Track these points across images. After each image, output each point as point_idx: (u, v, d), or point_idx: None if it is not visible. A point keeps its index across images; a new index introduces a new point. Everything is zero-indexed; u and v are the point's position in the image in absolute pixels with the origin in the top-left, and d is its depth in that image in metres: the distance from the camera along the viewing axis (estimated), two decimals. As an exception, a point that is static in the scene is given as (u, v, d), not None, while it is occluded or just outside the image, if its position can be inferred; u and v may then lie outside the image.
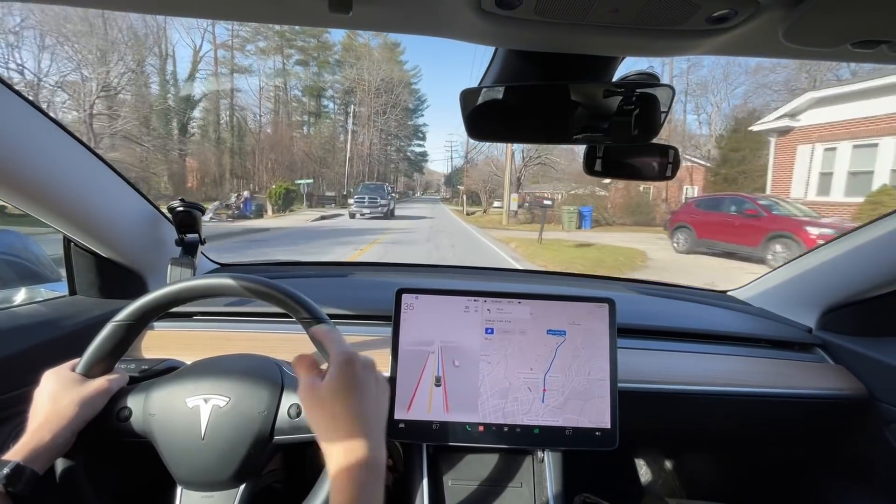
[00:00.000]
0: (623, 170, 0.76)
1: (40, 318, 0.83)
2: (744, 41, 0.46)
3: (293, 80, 36.73)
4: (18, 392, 0.71)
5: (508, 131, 0.68)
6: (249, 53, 32.62)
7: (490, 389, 0.79)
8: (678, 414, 0.96)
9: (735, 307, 1.21)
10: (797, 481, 1.11)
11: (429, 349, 0.80)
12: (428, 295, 0.82)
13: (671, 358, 0.97)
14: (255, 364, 0.66)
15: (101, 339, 0.60)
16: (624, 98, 0.59)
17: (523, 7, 0.40)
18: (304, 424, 0.61)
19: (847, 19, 0.38)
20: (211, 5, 0.46)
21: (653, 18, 0.41)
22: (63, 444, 0.55)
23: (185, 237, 1.01)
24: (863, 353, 0.95)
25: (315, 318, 0.62)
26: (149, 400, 0.61)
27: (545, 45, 0.50)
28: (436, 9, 0.43)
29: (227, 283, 0.60)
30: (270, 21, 0.48)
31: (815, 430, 1.03)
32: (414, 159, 59.01)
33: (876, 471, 0.95)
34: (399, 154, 52.86)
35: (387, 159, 48.18)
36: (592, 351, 0.81)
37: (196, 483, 0.60)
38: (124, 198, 0.91)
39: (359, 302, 1.03)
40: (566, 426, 0.78)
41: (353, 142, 36.27)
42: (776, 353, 1.02)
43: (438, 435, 0.78)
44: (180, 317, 0.98)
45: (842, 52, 0.43)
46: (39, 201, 0.74)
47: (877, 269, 0.90)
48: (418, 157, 59.46)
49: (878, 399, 0.92)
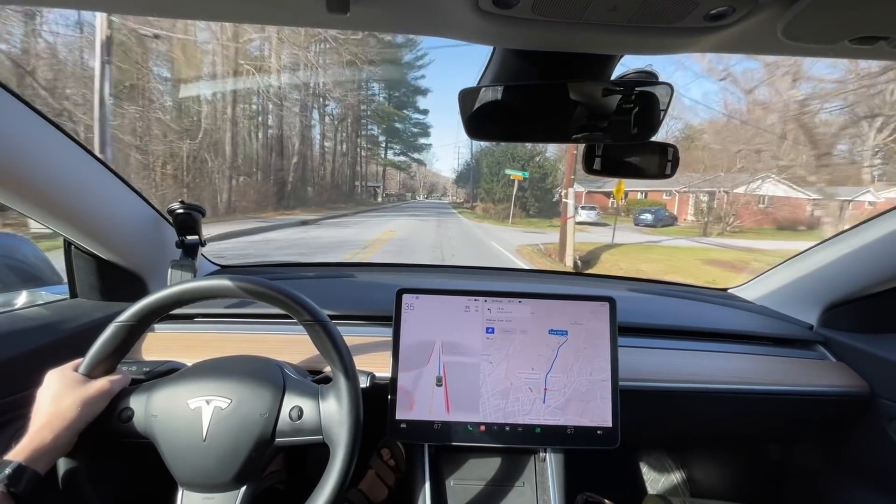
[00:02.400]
0: (623, 168, 0.76)
1: (41, 320, 0.83)
2: (742, 38, 0.45)
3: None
4: (20, 395, 0.71)
5: (507, 131, 0.68)
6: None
7: (491, 390, 0.79)
8: (679, 412, 0.96)
9: (736, 305, 1.21)
10: (799, 478, 1.11)
11: (430, 349, 0.80)
12: (428, 295, 0.82)
13: (672, 356, 0.97)
14: (257, 366, 0.66)
15: (104, 339, 0.60)
16: (623, 96, 0.59)
17: (521, 6, 0.39)
18: (305, 427, 0.61)
19: (846, 15, 0.38)
20: (209, 6, 0.46)
21: (651, 16, 0.41)
22: (65, 444, 0.55)
23: (186, 239, 1.01)
24: (864, 349, 0.95)
25: (316, 320, 0.62)
26: (151, 401, 0.61)
27: (543, 44, 0.50)
28: (433, 8, 0.43)
29: (229, 285, 0.60)
30: (268, 22, 0.48)
31: (816, 427, 1.03)
32: (410, 139, 40.94)
33: (878, 467, 0.94)
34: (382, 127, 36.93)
35: (356, 144, 32.99)
36: (594, 350, 0.81)
37: (197, 484, 0.60)
38: (124, 200, 0.91)
39: (359, 302, 1.03)
40: (567, 425, 0.78)
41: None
42: (778, 350, 1.02)
43: (440, 435, 0.78)
44: (181, 319, 0.98)
45: (841, 48, 0.43)
46: (39, 204, 0.74)
47: (878, 266, 0.90)
48: (417, 137, 40.81)
49: (879, 395, 0.92)
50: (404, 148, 43.36)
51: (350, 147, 32.53)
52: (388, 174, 48.65)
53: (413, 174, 54.77)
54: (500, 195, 23.80)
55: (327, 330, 0.62)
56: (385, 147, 42.24)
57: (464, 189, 44.05)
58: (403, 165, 47.01)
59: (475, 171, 33.45)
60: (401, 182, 54.01)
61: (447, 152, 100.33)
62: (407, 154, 44.48)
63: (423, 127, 41.70)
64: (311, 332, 0.62)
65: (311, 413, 0.61)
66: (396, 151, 43.22)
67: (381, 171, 44.42)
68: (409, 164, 46.78)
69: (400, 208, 30.10)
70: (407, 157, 45.19)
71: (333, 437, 0.59)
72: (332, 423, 0.60)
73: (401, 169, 48.08)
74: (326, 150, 28.20)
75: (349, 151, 32.35)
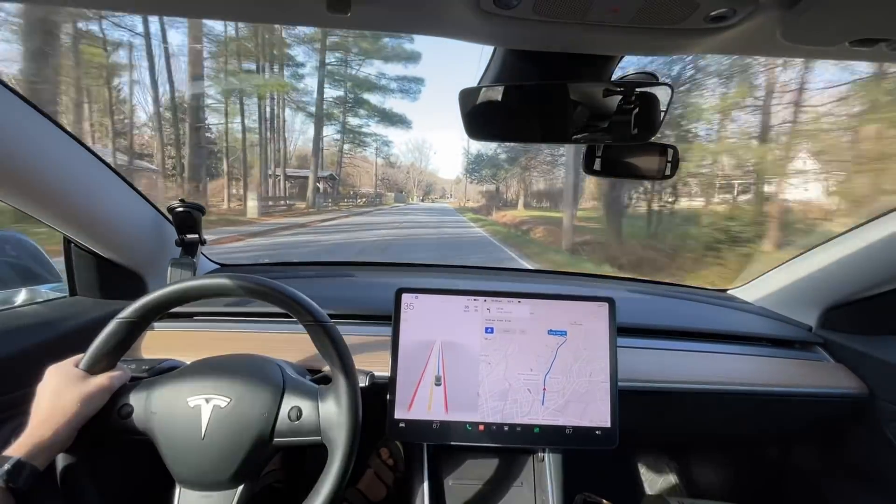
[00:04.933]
0: (622, 169, 0.76)
1: (41, 318, 0.83)
2: (743, 40, 0.46)
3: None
4: (19, 392, 0.72)
5: (508, 131, 0.68)
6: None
7: (489, 391, 0.79)
8: (678, 413, 0.96)
9: (735, 306, 1.21)
10: (797, 479, 1.11)
11: (429, 349, 0.80)
12: (428, 294, 0.82)
13: (671, 357, 0.97)
14: (257, 365, 0.66)
15: (105, 335, 0.60)
16: (624, 97, 0.59)
17: (522, 6, 0.40)
18: (304, 427, 0.61)
19: (846, 18, 0.38)
20: (210, 5, 0.46)
21: (652, 17, 0.41)
22: (64, 440, 0.55)
23: (186, 238, 1.01)
24: (863, 351, 0.95)
25: (316, 321, 0.62)
26: (150, 398, 0.61)
27: (544, 45, 0.50)
28: (434, 8, 0.43)
29: (230, 284, 0.60)
30: (269, 21, 0.48)
31: (815, 428, 1.03)
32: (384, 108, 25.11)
33: (876, 469, 0.95)
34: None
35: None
36: (593, 351, 0.81)
37: (195, 482, 0.60)
38: (124, 198, 0.91)
39: (359, 302, 1.03)
40: (566, 425, 0.78)
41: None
42: (776, 351, 1.02)
43: (439, 434, 0.78)
44: (181, 317, 0.98)
45: (841, 50, 0.43)
46: (39, 202, 0.74)
47: (877, 268, 0.90)
48: (407, 94, 24.85)
49: (878, 397, 0.92)
50: (373, 114, 25.76)
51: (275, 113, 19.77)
52: (356, 164, 31.81)
53: (397, 163, 37.30)
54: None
55: (328, 331, 0.62)
56: (346, 109, 25.31)
57: (483, 178, 26.35)
58: (383, 149, 29.66)
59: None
60: (381, 177, 35.10)
61: (445, 149, 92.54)
62: (389, 119, 26.07)
63: (409, 84, 24.52)
64: (312, 332, 0.62)
65: (309, 414, 0.61)
66: (363, 116, 26.01)
67: (342, 155, 27.67)
68: (382, 141, 29.18)
69: (366, 226, 14.73)
70: (385, 124, 26.52)
71: (332, 438, 0.60)
72: (331, 425, 0.60)
73: (384, 159, 30.77)
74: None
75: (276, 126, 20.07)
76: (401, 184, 42.11)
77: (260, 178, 20.16)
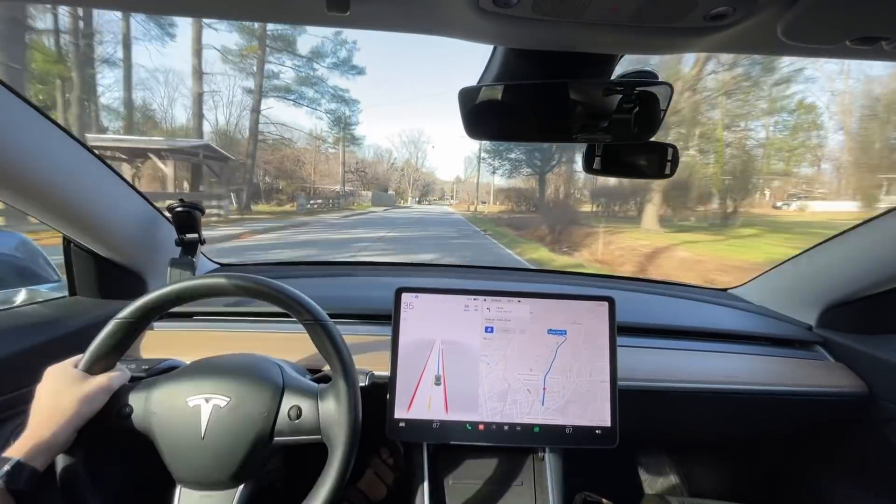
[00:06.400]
0: (622, 168, 0.76)
1: (40, 318, 0.83)
2: (742, 38, 0.45)
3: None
4: (19, 392, 0.71)
5: (508, 130, 0.68)
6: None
7: (489, 390, 0.79)
8: (678, 412, 0.96)
9: (735, 305, 1.21)
10: (798, 479, 1.11)
11: (429, 348, 0.80)
12: (428, 294, 0.82)
13: (671, 356, 0.97)
14: (257, 365, 0.66)
15: (104, 335, 0.60)
16: (624, 96, 0.59)
17: (521, 5, 0.39)
18: (303, 426, 0.61)
19: (845, 16, 0.38)
20: (209, 5, 0.46)
21: (651, 16, 0.41)
22: (64, 441, 0.55)
23: (185, 237, 1.01)
24: (863, 350, 0.95)
25: (316, 320, 0.62)
26: (150, 398, 0.61)
27: (543, 44, 0.50)
28: (434, 7, 0.43)
29: (229, 284, 0.60)
30: (268, 20, 0.48)
31: (815, 427, 1.03)
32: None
33: (876, 468, 0.95)
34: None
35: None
36: (593, 351, 0.81)
37: (195, 482, 0.60)
38: (123, 198, 0.91)
39: (359, 301, 1.03)
40: (566, 425, 0.78)
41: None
42: (776, 350, 1.02)
43: (439, 434, 0.78)
44: (181, 317, 0.98)
45: (840, 49, 0.43)
46: (39, 202, 0.74)
47: (877, 267, 0.90)
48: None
49: (878, 397, 0.92)
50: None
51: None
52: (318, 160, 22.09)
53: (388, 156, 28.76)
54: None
55: (328, 330, 0.62)
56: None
57: (516, 175, 16.93)
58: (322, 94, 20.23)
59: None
60: (355, 167, 23.61)
61: (440, 144, 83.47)
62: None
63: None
64: (312, 331, 0.62)
65: (309, 413, 0.61)
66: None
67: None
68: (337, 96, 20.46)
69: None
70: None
71: (332, 437, 0.60)
72: (331, 424, 0.60)
73: (354, 144, 20.59)
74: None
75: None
76: (384, 180, 32.18)
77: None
